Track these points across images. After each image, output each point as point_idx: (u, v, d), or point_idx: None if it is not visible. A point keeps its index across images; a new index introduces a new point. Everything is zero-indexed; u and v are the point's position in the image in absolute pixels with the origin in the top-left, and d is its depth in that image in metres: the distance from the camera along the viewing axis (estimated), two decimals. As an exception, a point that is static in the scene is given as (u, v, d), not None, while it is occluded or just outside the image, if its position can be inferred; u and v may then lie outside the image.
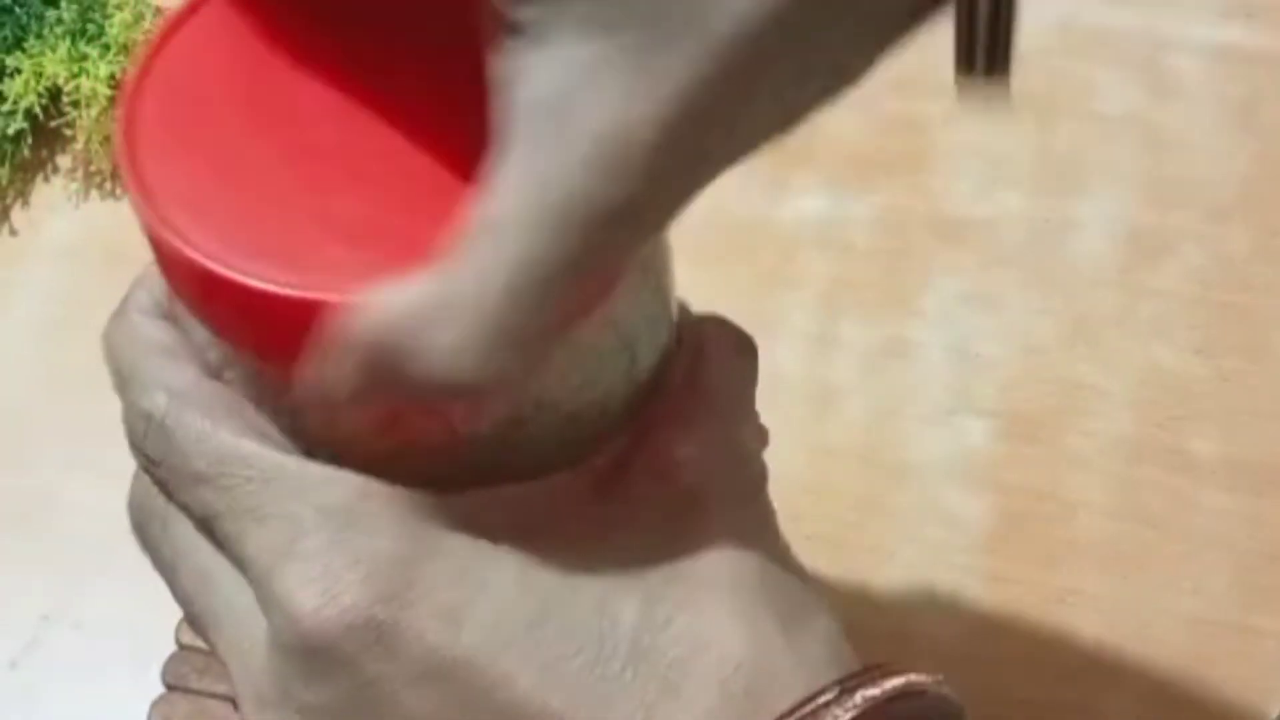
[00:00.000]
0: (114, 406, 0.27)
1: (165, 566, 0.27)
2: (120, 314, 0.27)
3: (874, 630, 0.46)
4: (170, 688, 0.46)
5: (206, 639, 0.26)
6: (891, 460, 0.49)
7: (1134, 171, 0.55)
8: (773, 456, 0.30)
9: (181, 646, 0.46)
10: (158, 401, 0.26)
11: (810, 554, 0.47)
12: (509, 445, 0.26)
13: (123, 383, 0.27)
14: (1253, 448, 0.49)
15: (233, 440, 0.25)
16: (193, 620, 0.27)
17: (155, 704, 0.46)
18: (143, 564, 0.28)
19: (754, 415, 0.29)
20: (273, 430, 0.26)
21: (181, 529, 0.26)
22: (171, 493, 0.26)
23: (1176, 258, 0.53)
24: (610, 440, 0.27)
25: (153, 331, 0.27)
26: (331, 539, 0.24)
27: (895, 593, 0.47)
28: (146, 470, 0.26)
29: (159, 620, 0.46)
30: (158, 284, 0.26)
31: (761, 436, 0.29)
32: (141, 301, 0.27)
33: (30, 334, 0.53)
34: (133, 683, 0.46)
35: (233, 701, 0.26)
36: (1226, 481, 0.48)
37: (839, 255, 0.53)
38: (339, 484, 0.25)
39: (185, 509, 0.26)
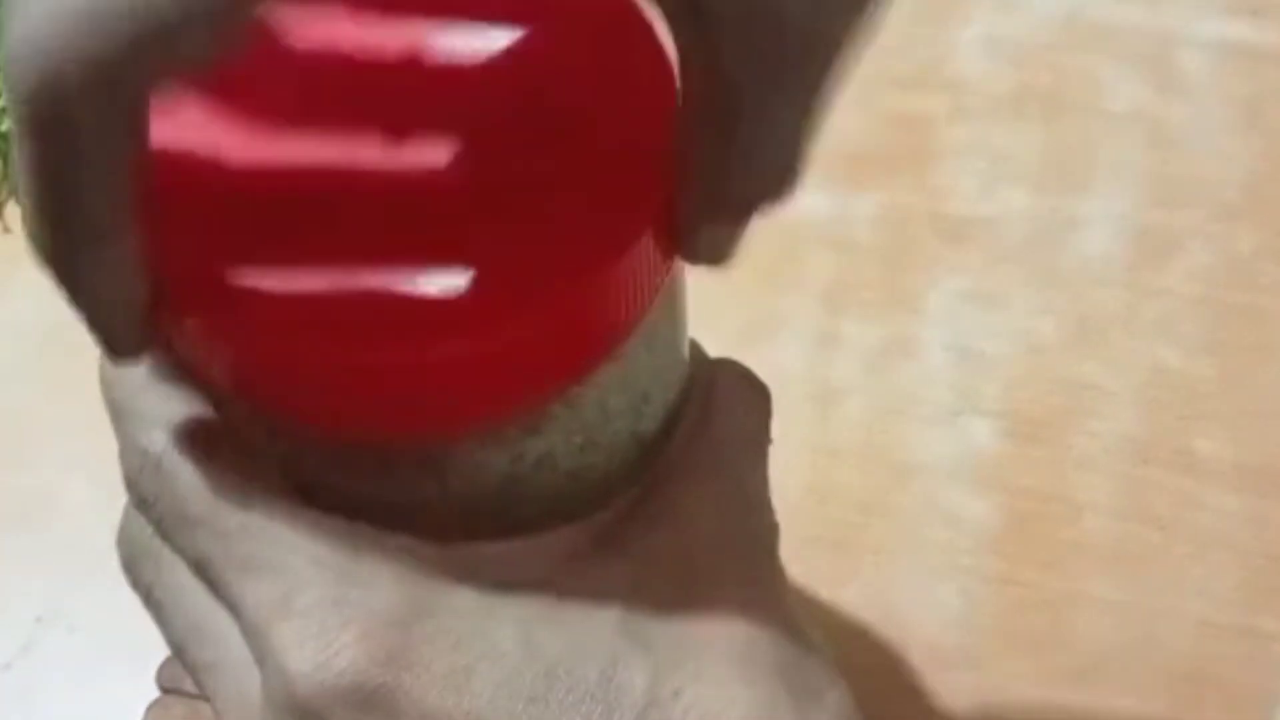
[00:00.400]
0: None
1: (156, 607, 0.26)
2: None
3: (877, 635, 0.45)
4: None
5: (198, 683, 0.25)
6: (894, 461, 0.49)
7: (1140, 169, 0.55)
8: (774, 457, 0.29)
9: (176, 650, 0.46)
10: (155, 439, 0.25)
11: (812, 556, 0.47)
12: (508, 501, 0.25)
13: (119, 416, 0.25)
14: (1260, 449, 0.49)
15: (231, 484, 0.24)
16: (184, 665, 0.26)
17: (150, 707, 0.45)
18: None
19: (765, 463, 0.28)
20: (273, 473, 0.25)
21: (175, 571, 0.25)
22: (166, 534, 0.25)
23: (1183, 256, 0.53)
24: (615, 495, 0.26)
25: (152, 363, 0.25)
26: (327, 595, 0.23)
27: (898, 595, 0.46)
28: (140, 509, 0.25)
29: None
30: None
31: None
32: None
33: (28, 333, 0.53)
34: (127, 686, 0.45)
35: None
36: (1233, 483, 0.48)
37: (841, 253, 0.53)
38: (337, 534, 0.24)
39: (180, 552, 0.25)
